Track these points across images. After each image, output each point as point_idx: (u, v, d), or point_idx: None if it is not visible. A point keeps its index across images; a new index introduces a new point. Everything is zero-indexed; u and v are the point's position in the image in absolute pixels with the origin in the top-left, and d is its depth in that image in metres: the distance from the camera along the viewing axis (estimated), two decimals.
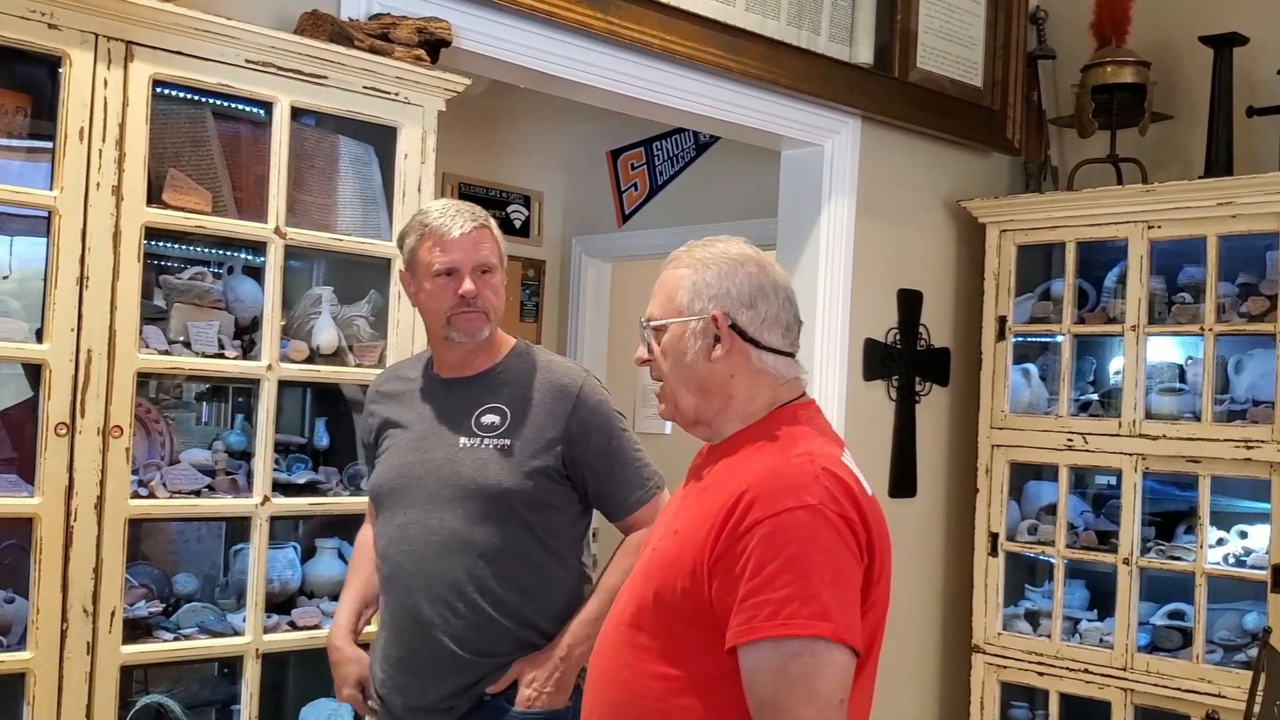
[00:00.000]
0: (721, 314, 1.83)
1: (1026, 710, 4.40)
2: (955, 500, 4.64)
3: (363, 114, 2.92)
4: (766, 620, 1.62)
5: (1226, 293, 3.97)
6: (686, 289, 1.86)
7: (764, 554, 1.65)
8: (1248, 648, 3.85)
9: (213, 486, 2.80)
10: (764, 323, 1.85)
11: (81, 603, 2.49)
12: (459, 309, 2.47)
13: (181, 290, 2.83)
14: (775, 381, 1.87)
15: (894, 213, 4.43)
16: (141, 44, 2.56)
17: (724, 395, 1.86)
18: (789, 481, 1.70)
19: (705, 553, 1.71)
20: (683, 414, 1.90)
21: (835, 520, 1.67)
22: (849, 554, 1.68)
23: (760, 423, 1.85)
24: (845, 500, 1.70)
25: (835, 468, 1.74)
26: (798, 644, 1.62)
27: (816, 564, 1.64)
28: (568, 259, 5.84)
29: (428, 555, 2.45)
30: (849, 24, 4.15)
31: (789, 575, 1.63)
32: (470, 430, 2.48)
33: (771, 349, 1.86)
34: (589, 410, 2.50)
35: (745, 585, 1.65)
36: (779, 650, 1.62)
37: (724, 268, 1.86)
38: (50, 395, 2.46)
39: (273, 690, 2.94)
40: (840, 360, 4.22)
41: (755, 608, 1.63)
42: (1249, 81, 4.20)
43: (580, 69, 3.51)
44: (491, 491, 2.43)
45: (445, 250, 2.46)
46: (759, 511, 1.67)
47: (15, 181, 2.51)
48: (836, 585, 1.65)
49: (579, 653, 2.44)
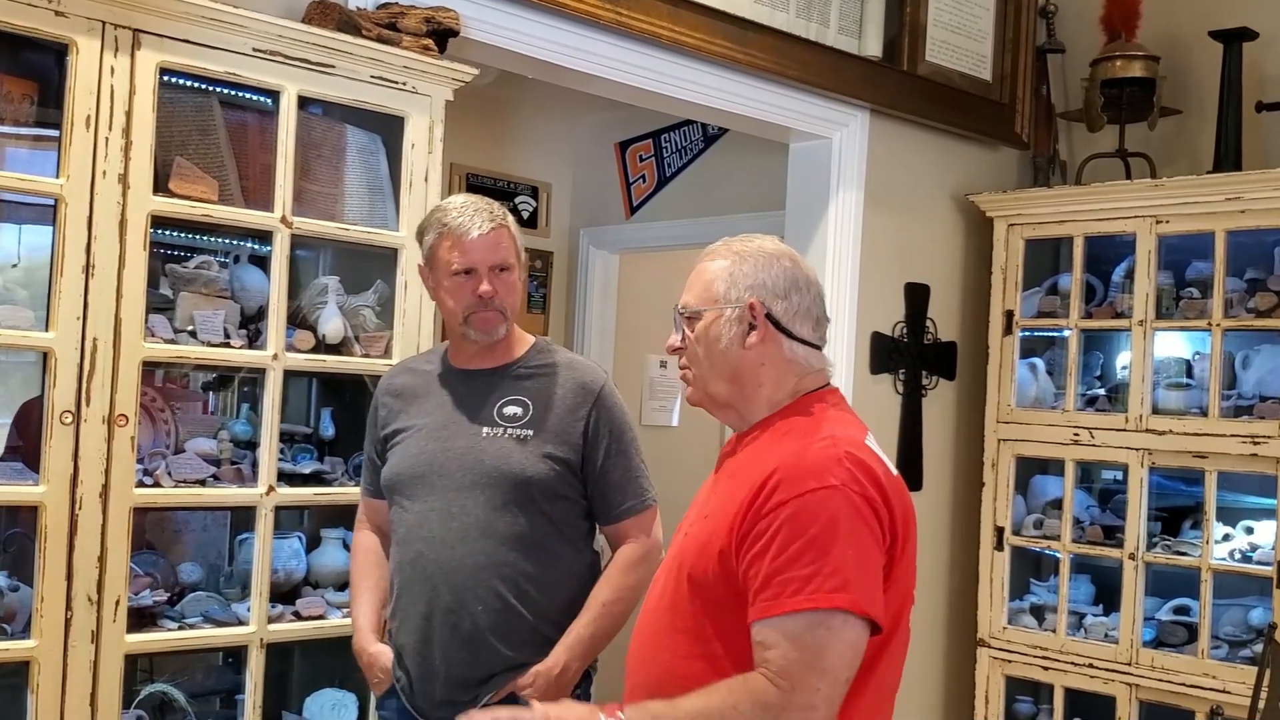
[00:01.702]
0: (758, 302, 1.90)
1: (1031, 705, 4.39)
2: (961, 494, 4.63)
3: (370, 103, 2.92)
4: (791, 596, 1.69)
5: (1234, 288, 3.96)
6: (723, 279, 1.92)
7: (789, 534, 1.71)
8: (1253, 643, 3.84)
9: (218, 476, 2.81)
10: (796, 314, 1.92)
11: (86, 591, 2.50)
12: (476, 308, 2.50)
13: (188, 279, 2.82)
14: (803, 371, 1.94)
15: (902, 206, 4.42)
16: (149, 32, 2.55)
17: (754, 383, 1.92)
18: (813, 464, 1.76)
19: (733, 534, 1.78)
20: (712, 399, 1.96)
21: (857, 500, 1.74)
22: (870, 532, 1.74)
23: (786, 409, 1.92)
24: (867, 481, 1.77)
25: (858, 451, 1.81)
26: (818, 615, 1.68)
27: (839, 541, 1.71)
28: (575, 250, 5.82)
29: (449, 541, 2.47)
30: (858, 17, 4.14)
31: (812, 553, 1.70)
32: (492, 420, 2.51)
33: (802, 340, 1.93)
34: (606, 411, 2.54)
35: (770, 564, 1.72)
36: (799, 622, 1.69)
37: (760, 260, 1.93)
38: (56, 384, 2.46)
39: (277, 680, 2.94)
40: (847, 353, 4.22)
41: (781, 585, 1.70)
42: (1258, 77, 4.19)
43: (589, 60, 3.51)
44: (515, 479, 2.45)
45: (464, 251, 2.49)
46: (784, 493, 1.74)
47: (22, 169, 2.51)
48: (858, 561, 1.72)
49: (575, 669, 2.47)
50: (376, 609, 2.64)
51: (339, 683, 2.99)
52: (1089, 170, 4.47)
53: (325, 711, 2.95)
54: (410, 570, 2.52)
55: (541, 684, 2.43)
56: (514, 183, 5.60)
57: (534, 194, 5.67)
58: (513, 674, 2.44)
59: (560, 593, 2.49)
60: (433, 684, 2.48)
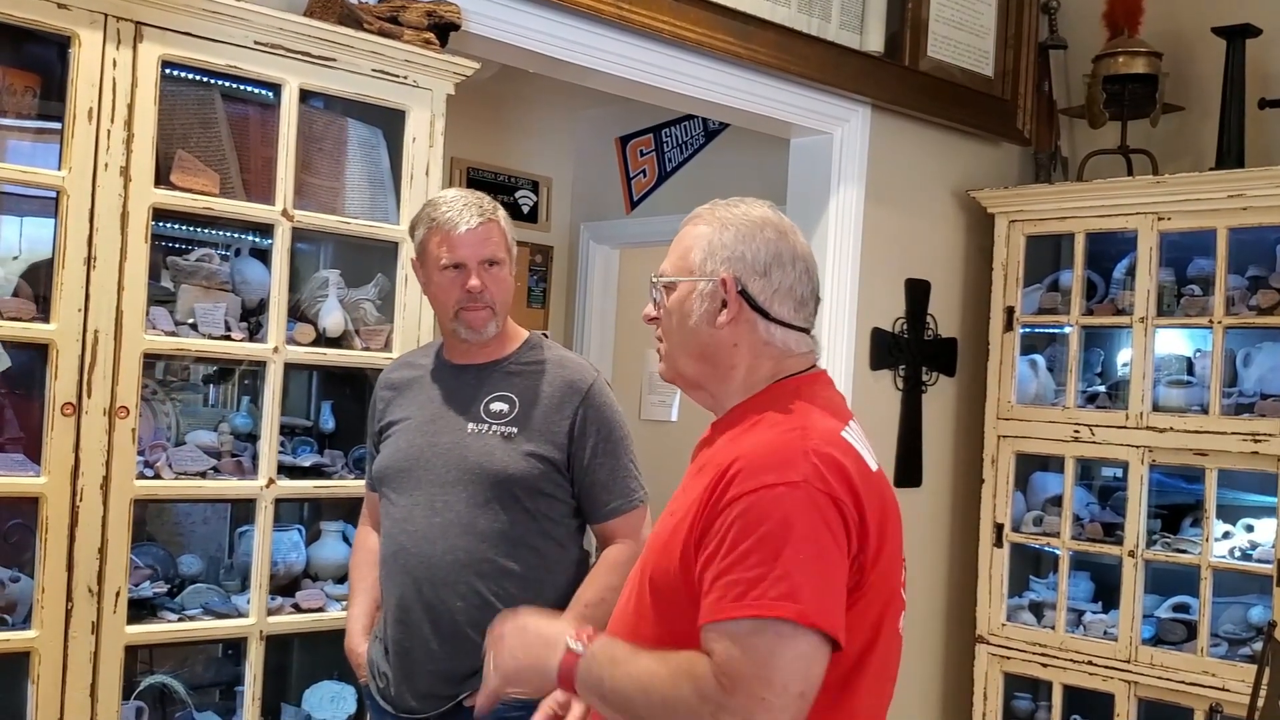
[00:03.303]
0: (731, 278, 1.74)
1: (1030, 701, 4.40)
2: (961, 491, 4.63)
3: (371, 97, 2.92)
4: (734, 601, 1.53)
5: (1236, 285, 3.96)
6: (701, 248, 1.77)
7: (739, 531, 1.56)
8: (1252, 641, 3.84)
9: (218, 468, 2.81)
10: (775, 293, 1.75)
11: (87, 582, 2.50)
12: (465, 303, 2.50)
13: (189, 272, 2.83)
14: (782, 355, 1.77)
15: (903, 202, 4.42)
16: (151, 24, 2.55)
17: (727, 364, 1.77)
18: (776, 457, 1.60)
19: (692, 531, 1.63)
20: (682, 378, 1.83)
21: (819, 499, 1.56)
22: (831, 535, 1.57)
23: (759, 395, 1.76)
24: (835, 478, 1.59)
25: (830, 444, 1.63)
26: (760, 624, 1.51)
27: (791, 542, 1.53)
28: (576, 245, 5.83)
29: (430, 536, 2.46)
30: (860, 12, 4.14)
31: (760, 554, 1.53)
32: (478, 416, 2.50)
33: (781, 321, 1.76)
34: (594, 409, 2.52)
35: (718, 564, 1.56)
36: (741, 630, 1.52)
37: (743, 229, 1.76)
38: (57, 375, 2.46)
39: (276, 672, 2.95)
40: (847, 349, 4.22)
41: (726, 587, 1.54)
42: (1261, 73, 4.18)
43: (590, 54, 3.50)
44: (497, 476, 2.45)
45: (452, 246, 2.48)
46: (738, 487, 1.58)
47: (24, 161, 2.51)
48: (813, 566, 1.54)
49: None
50: (370, 609, 2.64)
51: (338, 675, 3.00)
52: (1091, 166, 4.46)
53: (324, 703, 2.95)
54: (392, 564, 2.52)
55: None
56: (515, 177, 5.60)
57: (535, 188, 5.67)
58: None
59: (546, 590, 2.48)
60: (414, 677, 2.48)
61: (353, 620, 2.66)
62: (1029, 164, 4.76)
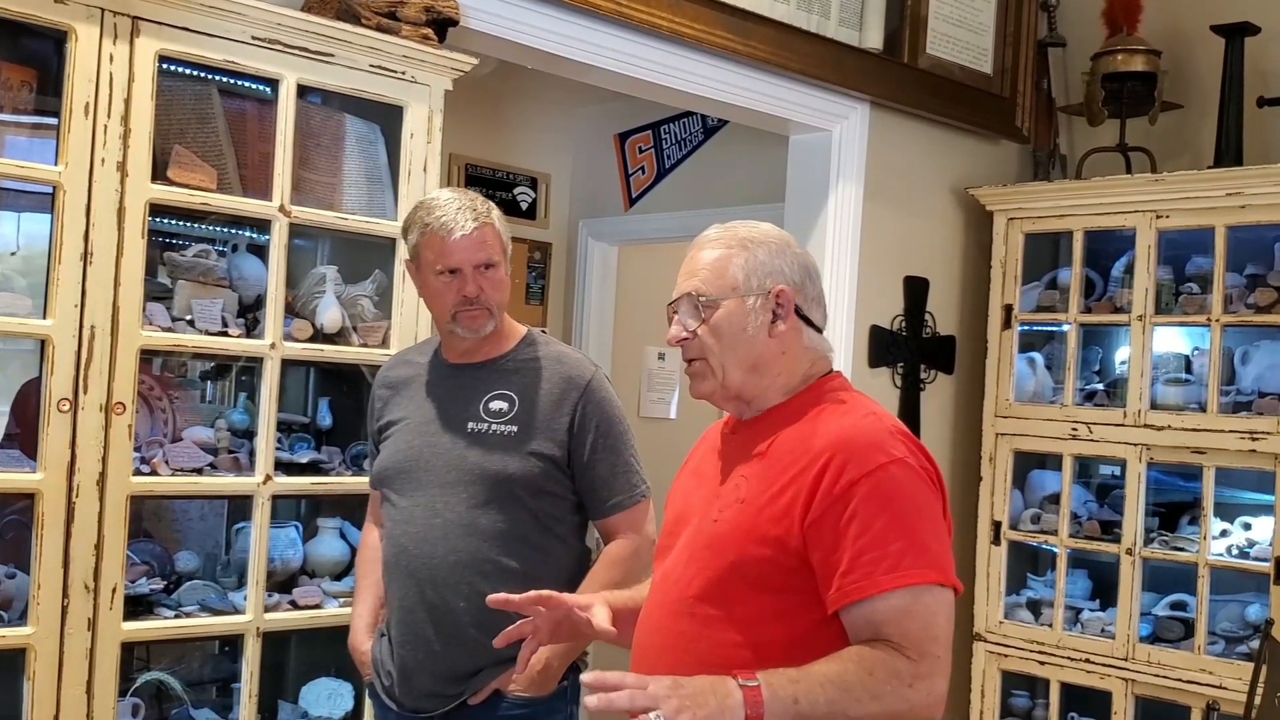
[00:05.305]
0: (788, 289, 1.90)
1: (1027, 699, 4.40)
2: (959, 488, 4.62)
3: (369, 93, 2.91)
4: (887, 573, 1.70)
5: (1234, 283, 3.95)
6: (739, 266, 1.89)
7: (870, 512, 1.72)
8: (1249, 639, 3.84)
9: (215, 465, 2.81)
10: (812, 301, 1.94)
11: (83, 579, 2.50)
12: (462, 307, 2.49)
13: (186, 267, 2.82)
14: (815, 357, 1.95)
15: (901, 199, 4.42)
16: (148, 19, 2.55)
17: (774, 371, 1.91)
18: (870, 440, 1.78)
19: (795, 520, 1.76)
20: (727, 389, 1.92)
21: (921, 474, 1.79)
22: (937, 504, 1.81)
23: (806, 392, 1.92)
24: (921, 454, 1.82)
25: (902, 426, 1.85)
26: (917, 591, 1.71)
27: (920, 515, 1.76)
28: (574, 242, 5.82)
29: (431, 538, 2.46)
30: (859, 9, 4.13)
31: (898, 529, 1.72)
32: (478, 415, 2.49)
33: (818, 327, 1.95)
34: (593, 404, 2.51)
35: (856, 544, 1.72)
36: (903, 597, 1.70)
37: (772, 248, 1.92)
38: (54, 371, 2.46)
39: (273, 669, 2.95)
40: (845, 347, 4.22)
41: (872, 563, 1.70)
42: (1260, 71, 4.18)
43: (589, 50, 3.50)
44: (497, 476, 2.44)
45: (447, 252, 2.46)
46: (854, 471, 1.74)
47: (21, 156, 2.50)
48: (936, 534, 1.77)
49: (556, 665, 2.46)
50: (374, 607, 2.64)
51: (335, 672, 3.00)
52: (1089, 164, 4.46)
53: (321, 700, 2.95)
54: (395, 566, 2.52)
55: (524, 680, 2.42)
56: (513, 173, 5.59)
57: (533, 185, 5.66)
58: (499, 668, 2.42)
59: (548, 587, 2.46)
60: (418, 675, 2.48)
61: (357, 618, 2.65)
62: (1028, 162, 4.75)
